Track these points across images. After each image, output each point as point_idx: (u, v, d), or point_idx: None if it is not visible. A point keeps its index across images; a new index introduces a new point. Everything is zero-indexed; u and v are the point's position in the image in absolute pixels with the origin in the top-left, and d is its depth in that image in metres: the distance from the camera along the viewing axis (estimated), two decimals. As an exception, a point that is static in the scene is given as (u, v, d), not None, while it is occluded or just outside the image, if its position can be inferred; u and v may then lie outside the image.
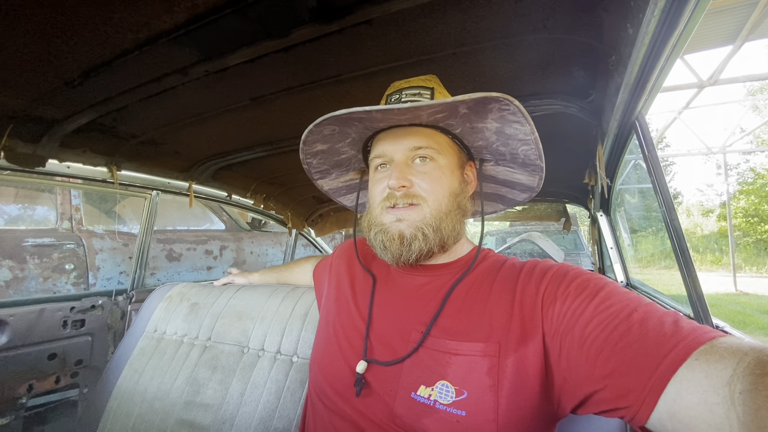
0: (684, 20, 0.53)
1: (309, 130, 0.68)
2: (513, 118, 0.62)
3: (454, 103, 0.58)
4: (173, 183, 1.71)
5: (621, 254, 1.78)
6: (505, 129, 0.66)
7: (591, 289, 0.54)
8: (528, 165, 0.73)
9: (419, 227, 0.65)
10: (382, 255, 0.69)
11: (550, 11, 0.68)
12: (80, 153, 1.26)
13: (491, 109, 0.62)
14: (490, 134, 0.69)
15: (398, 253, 0.66)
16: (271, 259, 3.83)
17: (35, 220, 2.59)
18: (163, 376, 1.08)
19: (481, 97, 0.56)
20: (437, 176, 0.68)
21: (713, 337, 0.42)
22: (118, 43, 0.75)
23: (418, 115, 0.63)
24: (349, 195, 0.96)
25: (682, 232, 0.87)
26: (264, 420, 0.92)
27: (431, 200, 0.67)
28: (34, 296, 1.94)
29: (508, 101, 0.58)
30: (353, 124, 0.68)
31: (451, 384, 0.55)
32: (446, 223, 0.67)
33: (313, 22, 0.71)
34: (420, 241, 0.65)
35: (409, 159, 0.68)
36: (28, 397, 1.48)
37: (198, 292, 1.26)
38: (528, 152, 0.69)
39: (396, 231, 0.66)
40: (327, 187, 0.92)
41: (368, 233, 0.72)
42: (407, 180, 0.66)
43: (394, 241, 0.66)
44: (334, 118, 0.63)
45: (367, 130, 0.72)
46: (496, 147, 0.72)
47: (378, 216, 0.70)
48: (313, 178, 0.87)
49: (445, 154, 0.70)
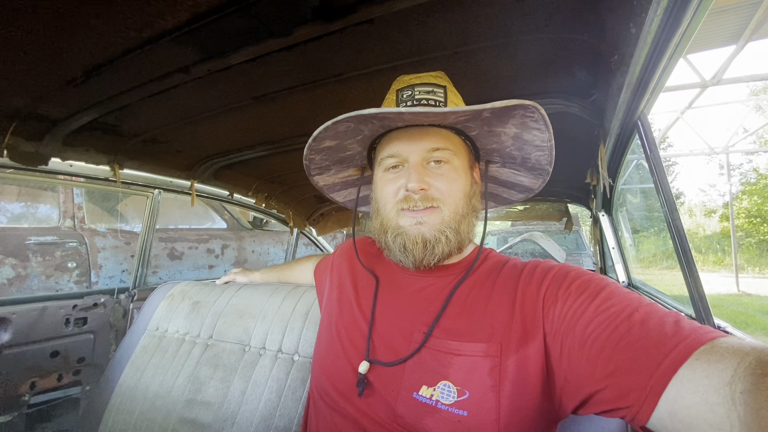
0: (687, 19, 0.53)
1: (326, 127, 0.65)
2: (534, 125, 0.62)
3: (480, 108, 0.58)
4: (175, 182, 1.71)
5: (623, 254, 1.78)
6: (524, 135, 0.65)
7: (592, 289, 0.54)
8: (536, 169, 0.73)
9: (441, 230, 0.65)
10: (402, 257, 0.68)
11: (552, 10, 0.68)
12: (83, 151, 1.26)
13: (515, 115, 0.61)
14: (507, 138, 0.68)
15: (421, 257, 0.66)
16: (273, 258, 3.84)
17: (38, 218, 2.61)
18: (165, 374, 1.08)
19: (513, 104, 0.56)
20: (454, 178, 0.67)
21: (714, 337, 0.42)
22: (121, 42, 0.75)
23: (445, 118, 0.62)
24: (343, 191, 0.94)
25: (684, 232, 0.86)
26: (265, 418, 0.92)
27: (449, 202, 0.66)
28: (37, 294, 1.96)
29: (534, 108, 0.57)
30: (370, 122, 0.66)
31: (452, 384, 0.55)
32: (464, 226, 0.67)
33: (315, 20, 0.71)
34: (443, 244, 0.65)
35: (425, 160, 0.67)
36: (31, 394, 1.48)
37: (200, 291, 1.26)
38: (540, 158, 0.69)
39: (417, 234, 0.66)
40: (322, 183, 0.89)
41: (382, 235, 0.71)
42: (425, 183, 0.65)
43: (417, 245, 0.65)
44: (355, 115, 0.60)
45: (382, 127, 0.70)
46: (509, 151, 0.72)
47: (394, 218, 0.68)
48: (310, 173, 0.85)
49: (460, 155, 0.69)
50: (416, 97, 0.68)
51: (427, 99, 0.68)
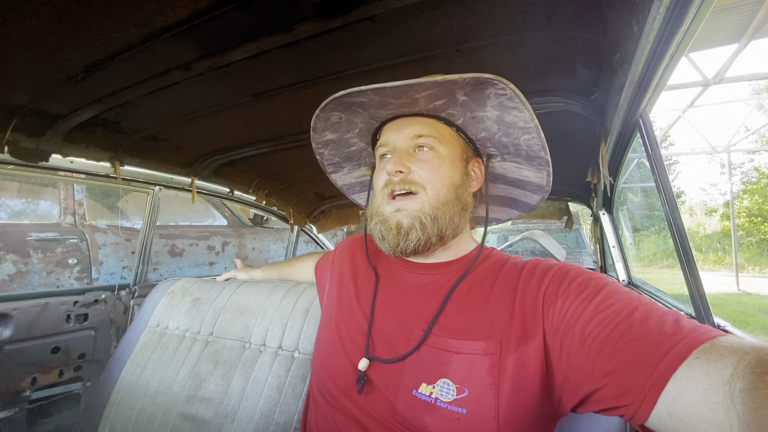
0: (689, 18, 0.52)
1: (316, 116, 0.69)
2: (511, 104, 0.62)
3: (452, 89, 0.59)
4: (176, 179, 1.71)
5: (623, 253, 1.78)
6: (505, 117, 0.65)
7: (592, 288, 0.54)
8: (533, 158, 0.72)
9: (417, 216, 0.66)
10: (381, 245, 0.70)
11: (554, 7, 0.67)
12: (83, 148, 1.26)
13: (489, 95, 0.61)
14: (491, 123, 0.68)
15: (395, 243, 0.67)
16: (273, 255, 3.84)
17: (39, 214, 2.61)
18: (166, 371, 1.08)
19: (473, 77, 0.56)
20: (437, 164, 0.68)
21: (714, 336, 0.42)
22: (122, 38, 0.75)
23: (416, 100, 0.64)
24: (363, 193, 0.96)
25: (684, 231, 0.86)
26: (265, 415, 0.92)
27: (429, 188, 0.67)
28: (38, 290, 1.96)
29: (503, 84, 0.57)
30: (358, 112, 0.68)
31: (452, 382, 0.55)
32: (444, 213, 0.67)
33: (316, 17, 0.71)
34: (417, 231, 0.65)
35: (410, 147, 0.69)
36: (32, 390, 1.49)
37: (200, 288, 1.27)
38: (530, 142, 0.68)
39: (394, 221, 0.67)
40: (341, 183, 0.92)
41: (369, 223, 0.72)
42: (405, 166, 0.67)
43: (391, 231, 0.67)
44: (338, 102, 0.64)
45: (372, 119, 0.72)
46: (498, 138, 0.71)
47: (379, 206, 0.70)
48: (326, 170, 0.88)
49: (447, 144, 0.70)
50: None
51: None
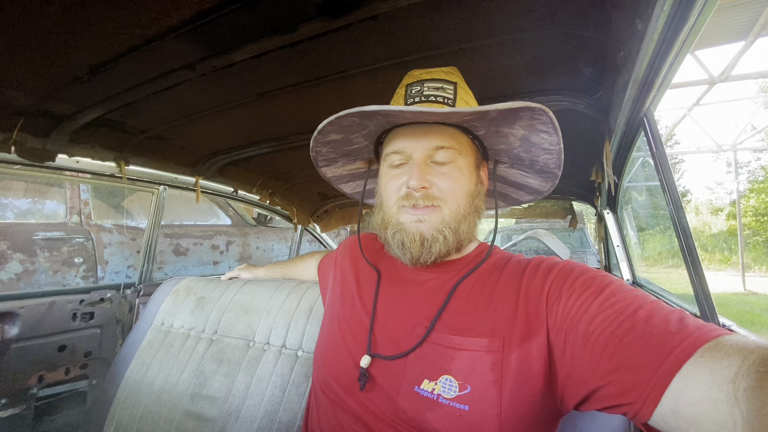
0: (694, 15, 0.52)
1: (329, 121, 0.65)
2: (543, 128, 0.61)
3: (485, 109, 0.57)
4: (180, 178, 1.73)
5: (627, 252, 1.77)
6: (532, 137, 0.65)
7: (596, 286, 0.54)
8: (544, 172, 0.72)
9: (440, 229, 0.65)
10: (400, 254, 0.69)
11: (558, 6, 0.67)
12: (89, 148, 1.27)
13: (522, 116, 0.60)
14: (515, 140, 0.67)
15: (418, 254, 0.66)
16: (277, 255, 3.85)
17: (45, 214, 2.63)
18: (170, 369, 1.09)
19: (519, 106, 0.55)
20: (457, 177, 0.67)
21: (719, 334, 0.42)
22: (127, 39, 0.75)
23: (449, 117, 0.61)
24: (351, 183, 0.95)
25: (689, 230, 0.86)
26: (269, 413, 0.93)
27: (451, 202, 0.66)
28: (45, 289, 1.98)
29: (543, 111, 0.57)
30: (375, 118, 0.65)
31: (454, 379, 0.56)
32: (464, 226, 0.67)
33: (319, 17, 0.71)
34: (440, 243, 0.65)
35: (429, 158, 0.67)
36: (39, 387, 1.51)
37: (204, 287, 1.27)
38: (548, 161, 0.69)
39: (416, 232, 0.66)
40: (330, 174, 0.90)
41: (383, 231, 0.71)
42: (427, 181, 0.65)
43: (415, 243, 0.66)
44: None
45: (387, 123, 0.69)
46: (517, 152, 0.71)
47: (395, 214, 0.68)
48: (318, 165, 0.85)
49: (465, 155, 0.68)
50: (425, 93, 0.68)
51: (436, 96, 0.67)
